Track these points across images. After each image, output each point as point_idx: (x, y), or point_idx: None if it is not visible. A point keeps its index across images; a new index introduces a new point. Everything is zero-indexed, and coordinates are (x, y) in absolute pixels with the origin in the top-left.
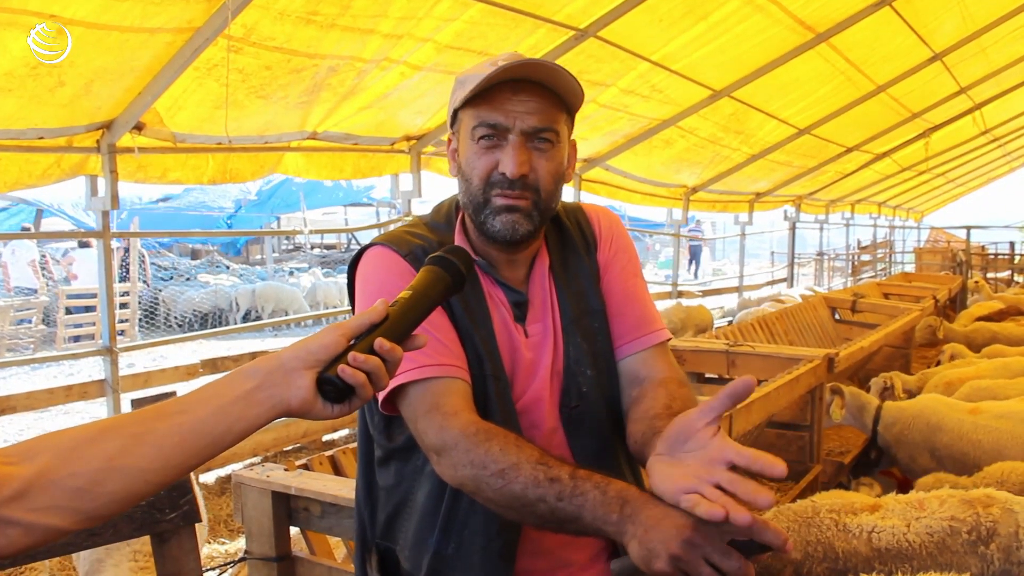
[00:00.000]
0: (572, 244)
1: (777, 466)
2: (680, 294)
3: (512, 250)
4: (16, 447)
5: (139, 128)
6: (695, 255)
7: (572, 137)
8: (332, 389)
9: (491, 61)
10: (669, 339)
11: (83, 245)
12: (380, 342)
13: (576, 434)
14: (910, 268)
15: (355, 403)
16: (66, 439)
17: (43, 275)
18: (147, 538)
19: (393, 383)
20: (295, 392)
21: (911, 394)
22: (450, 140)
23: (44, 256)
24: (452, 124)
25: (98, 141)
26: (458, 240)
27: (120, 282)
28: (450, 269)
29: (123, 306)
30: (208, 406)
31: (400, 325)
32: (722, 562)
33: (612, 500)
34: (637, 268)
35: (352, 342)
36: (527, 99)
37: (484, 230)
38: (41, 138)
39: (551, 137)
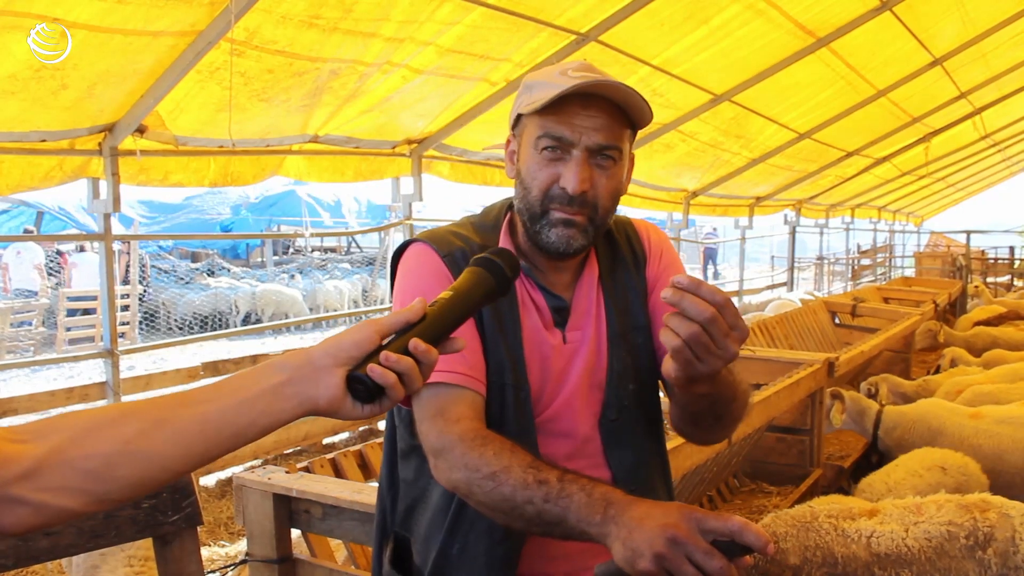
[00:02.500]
0: (622, 258)
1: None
2: None
3: (562, 261)
4: (29, 425)
5: (141, 131)
6: (711, 257)
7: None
8: (362, 388)
9: (561, 69)
10: None
11: (80, 250)
12: (415, 343)
13: (614, 446)
14: (910, 272)
15: (385, 404)
16: (83, 420)
17: (48, 277)
18: (142, 542)
19: None
20: (323, 391)
21: (906, 397)
22: (509, 141)
23: (62, 254)
24: (514, 127)
25: (100, 144)
26: (503, 242)
27: (122, 285)
28: (495, 272)
29: (123, 308)
30: (233, 397)
31: (437, 326)
32: (705, 562)
33: (597, 502)
34: None
35: (386, 340)
36: (595, 115)
37: (538, 240)
38: (44, 141)
39: (614, 155)
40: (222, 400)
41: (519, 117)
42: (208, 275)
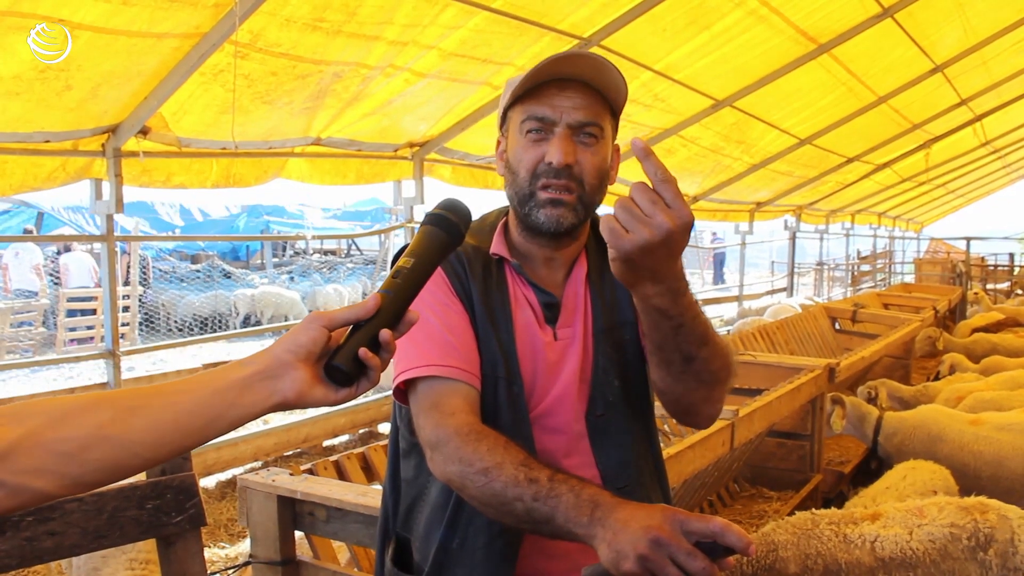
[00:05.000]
0: None
1: None
2: None
3: (555, 243)
4: (4, 408)
5: (144, 132)
6: (721, 262)
7: (616, 141)
8: (341, 375)
9: (537, 64)
10: None
11: (66, 249)
12: (385, 335)
13: (601, 443)
14: (910, 279)
15: (363, 385)
16: (58, 404)
17: (45, 277)
18: (143, 544)
19: (403, 376)
20: (290, 384)
21: (904, 402)
22: (499, 142)
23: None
24: (501, 126)
25: (103, 145)
26: (496, 242)
27: (123, 286)
28: (444, 225)
29: (123, 309)
30: (205, 389)
31: (405, 295)
32: (687, 562)
33: (584, 503)
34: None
35: (353, 327)
36: (573, 95)
37: (528, 223)
38: (47, 141)
39: (596, 132)
40: (194, 391)
41: (505, 115)
42: (225, 277)
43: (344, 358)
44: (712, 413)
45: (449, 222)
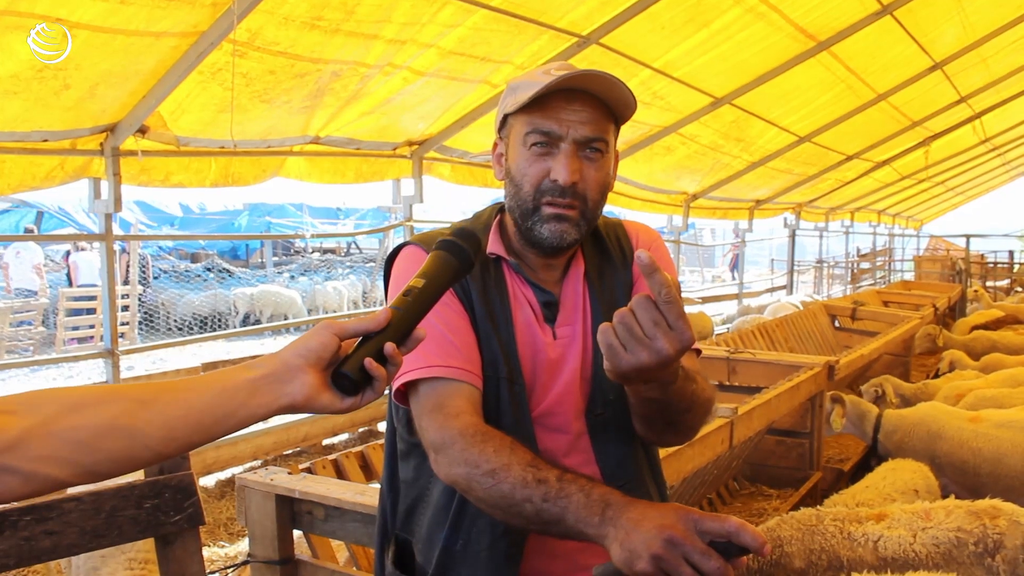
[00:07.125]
0: (609, 256)
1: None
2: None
3: (555, 255)
4: (18, 396)
5: (143, 131)
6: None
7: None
8: (348, 383)
9: (543, 69)
10: (699, 351)
11: (79, 249)
12: (391, 348)
13: (601, 441)
14: (909, 276)
15: (368, 396)
16: (71, 394)
17: (46, 276)
18: (142, 544)
19: (404, 378)
20: (298, 387)
21: (905, 399)
22: (496, 145)
23: (67, 255)
24: (500, 129)
25: (102, 144)
26: (492, 241)
27: (122, 285)
28: (457, 253)
29: (123, 309)
30: (213, 388)
31: (412, 315)
32: (702, 562)
33: (595, 503)
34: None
35: (361, 341)
36: (580, 109)
37: (531, 236)
38: (45, 140)
39: (601, 147)
40: (203, 390)
41: (505, 119)
42: (226, 275)
43: (352, 367)
44: (682, 443)
45: (461, 249)
